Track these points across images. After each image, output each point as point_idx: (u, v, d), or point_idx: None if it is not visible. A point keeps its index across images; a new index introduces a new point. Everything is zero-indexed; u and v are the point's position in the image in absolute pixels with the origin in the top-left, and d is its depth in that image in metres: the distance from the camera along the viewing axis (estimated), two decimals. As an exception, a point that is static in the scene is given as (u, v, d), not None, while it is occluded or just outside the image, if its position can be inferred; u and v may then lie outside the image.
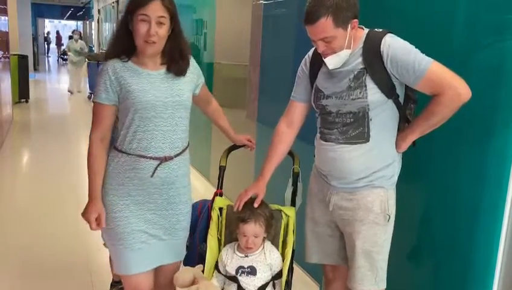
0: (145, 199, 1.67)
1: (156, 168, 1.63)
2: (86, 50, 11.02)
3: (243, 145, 2.04)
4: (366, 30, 1.61)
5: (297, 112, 1.79)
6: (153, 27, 1.55)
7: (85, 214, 1.66)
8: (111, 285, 2.39)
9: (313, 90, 1.71)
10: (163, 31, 1.58)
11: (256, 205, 1.69)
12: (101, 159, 1.65)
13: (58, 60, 22.11)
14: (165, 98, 1.63)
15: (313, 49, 1.69)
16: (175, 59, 1.66)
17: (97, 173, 1.65)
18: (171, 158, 1.66)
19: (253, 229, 1.65)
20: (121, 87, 1.61)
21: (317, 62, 1.67)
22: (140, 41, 1.57)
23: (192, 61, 1.75)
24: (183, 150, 1.71)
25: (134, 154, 1.63)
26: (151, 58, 1.63)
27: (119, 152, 1.65)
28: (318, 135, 1.73)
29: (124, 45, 1.62)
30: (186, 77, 1.70)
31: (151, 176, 1.63)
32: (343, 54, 1.56)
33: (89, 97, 10.07)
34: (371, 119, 1.58)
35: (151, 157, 1.63)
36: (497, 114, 1.57)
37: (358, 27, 1.60)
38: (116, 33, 1.65)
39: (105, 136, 1.66)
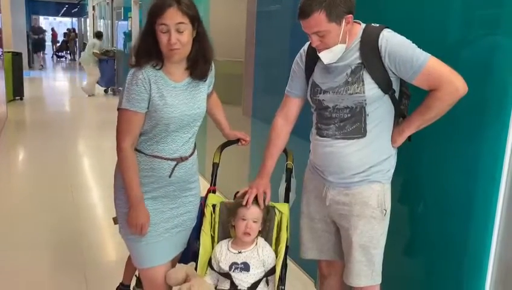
0: (160, 195, 1.71)
1: (173, 169, 1.68)
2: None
3: (237, 142, 2.02)
4: (363, 25, 1.61)
5: (292, 106, 1.79)
6: (173, 36, 1.54)
7: (135, 221, 1.65)
8: (117, 288, 2.36)
9: (309, 85, 1.70)
10: (184, 37, 1.57)
11: (265, 203, 1.71)
12: (135, 166, 1.65)
13: (52, 57, 21.98)
14: (188, 111, 1.67)
15: (308, 43, 1.68)
16: (199, 63, 1.66)
17: (135, 179, 1.64)
18: (186, 158, 1.72)
19: (253, 211, 1.67)
20: (151, 97, 1.61)
21: (313, 57, 1.66)
22: (165, 50, 1.58)
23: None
24: (194, 149, 1.79)
25: (151, 155, 1.67)
26: (178, 64, 1.64)
27: (137, 152, 1.67)
28: (314, 130, 1.72)
29: (153, 52, 1.60)
30: (205, 83, 1.74)
31: (169, 176, 1.68)
32: (338, 48, 1.56)
33: (106, 91, 10.47)
34: (367, 115, 1.58)
35: (168, 159, 1.68)
36: (489, 109, 1.57)
37: (355, 22, 1.60)
38: (143, 42, 1.62)
39: (135, 142, 1.66)
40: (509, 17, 1.49)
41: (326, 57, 1.58)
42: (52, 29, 23.49)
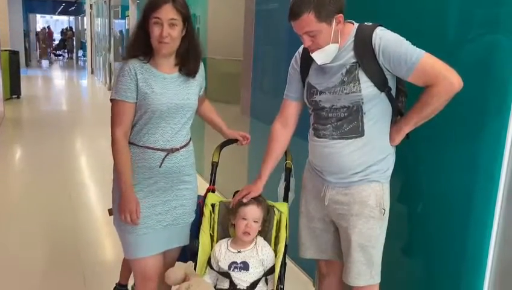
0: (152, 187, 1.76)
1: (163, 159, 1.74)
2: None
3: (236, 141, 2.03)
4: (356, 24, 1.61)
5: (291, 110, 1.79)
6: (165, 29, 1.65)
7: (124, 208, 1.69)
8: (114, 288, 2.36)
9: (306, 87, 1.71)
10: (175, 32, 1.67)
11: (245, 200, 1.71)
12: (127, 154, 1.72)
13: (50, 56, 21.90)
14: (177, 100, 1.74)
15: (303, 46, 1.68)
16: (187, 60, 1.76)
17: (127, 167, 1.71)
18: (177, 150, 1.77)
19: (254, 211, 1.68)
20: (139, 88, 1.70)
21: (308, 59, 1.66)
22: (155, 42, 1.68)
23: (201, 65, 1.84)
24: (188, 142, 1.83)
25: (143, 146, 1.74)
26: (166, 58, 1.74)
27: (130, 144, 1.75)
28: (311, 131, 1.72)
29: (143, 46, 1.71)
30: (196, 80, 1.82)
31: (160, 166, 1.74)
32: (330, 48, 1.56)
33: None
34: (364, 113, 1.58)
35: (158, 149, 1.74)
36: (488, 108, 1.57)
37: (348, 21, 1.60)
38: (135, 35, 1.75)
39: (127, 132, 1.74)
40: (509, 16, 1.49)
41: (319, 57, 1.58)
42: (48, 28, 23.41)
